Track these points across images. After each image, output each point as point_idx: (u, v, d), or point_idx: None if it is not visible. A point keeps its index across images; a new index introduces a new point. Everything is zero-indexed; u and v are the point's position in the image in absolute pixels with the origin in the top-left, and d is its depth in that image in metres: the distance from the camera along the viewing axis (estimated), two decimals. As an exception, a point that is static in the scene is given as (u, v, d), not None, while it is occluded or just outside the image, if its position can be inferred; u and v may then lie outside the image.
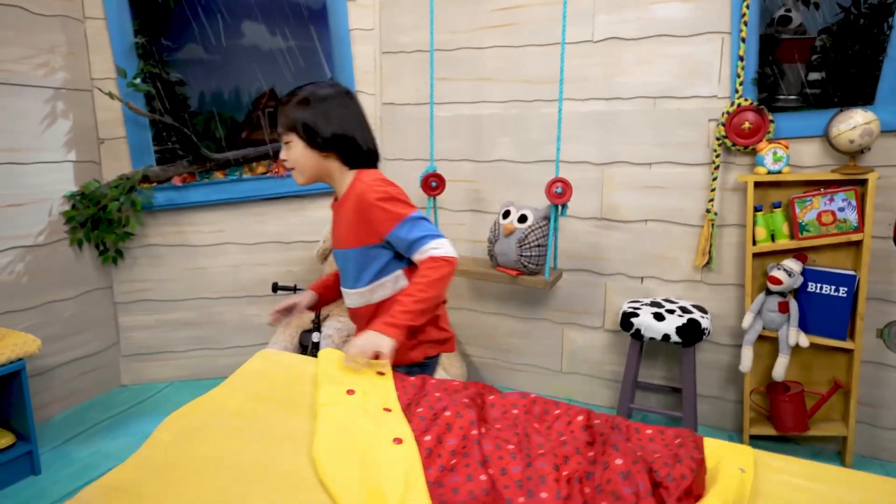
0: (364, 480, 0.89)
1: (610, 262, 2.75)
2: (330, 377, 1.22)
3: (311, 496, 0.91)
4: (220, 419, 1.12)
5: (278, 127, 1.54)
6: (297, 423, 1.11)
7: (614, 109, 2.61)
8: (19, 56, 2.44)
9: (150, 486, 0.93)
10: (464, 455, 0.92)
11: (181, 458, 1.00)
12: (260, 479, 0.95)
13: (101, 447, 2.49)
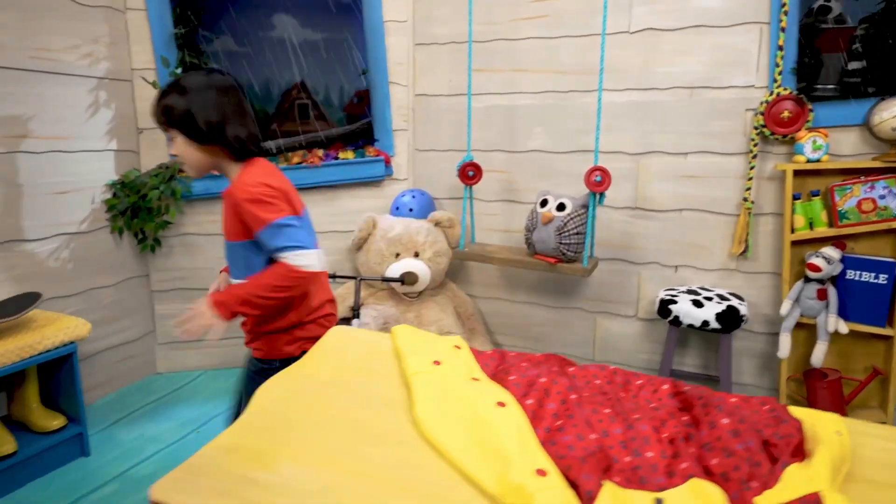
0: (475, 439, 0.92)
1: (644, 251, 2.78)
2: (412, 350, 1.25)
3: (417, 452, 0.95)
4: (314, 387, 1.16)
5: (161, 124, 1.51)
6: (389, 391, 1.14)
7: (650, 99, 2.64)
8: (66, 46, 2.48)
9: (263, 444, 0.96)
10: (569, 417, 0.96)
11: (285, 420, 1.04)
12: (365, 438, 0.99)
13: (144, 431, 2.52)
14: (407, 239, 2.82)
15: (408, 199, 2.99)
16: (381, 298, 2.91)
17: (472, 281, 3.20)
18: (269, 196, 1.44)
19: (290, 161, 2.97)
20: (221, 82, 1.52)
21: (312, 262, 1.43)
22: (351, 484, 0.86)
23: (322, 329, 1.59)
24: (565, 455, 0.86)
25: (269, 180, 1.47)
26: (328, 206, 3.08)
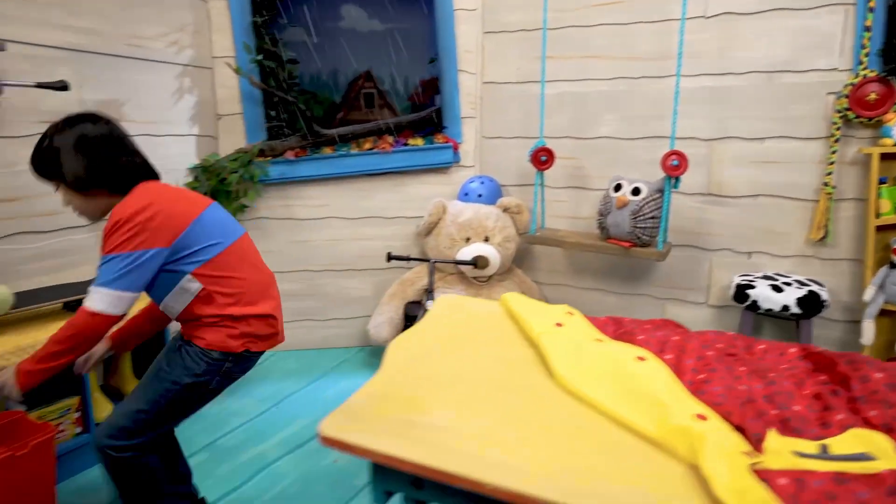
0: (622, 390, 0.94)
1: (716, 237, 2.75)
2: (532, 313, 1.28)
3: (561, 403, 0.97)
4: (439, 347, 1.19)
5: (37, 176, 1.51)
6: (513, 351, 1.18)
7: (726, 85, 2.62)
8: (156, 34, 2.58)
9: (410, 393, 1.00)
10: (711, 371, 0.97)
11: (422, 373, 1.07)
12: (505, 390, 1.02)
13: (225, 405, 2.60)
14: (477, 223, 2.85)
15: (476, 184, 3.02)
16: (450, 283, 2.95)
17: (537, 267, 3.21)
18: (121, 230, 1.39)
19: (361, 147, 3.03)
20: (91, 130, 1.49)
21: (94, 304, 1.37)
22: (508, 428, 0.89)
23: (274, 328, 1.62)
24: (721, 402, 0.87)
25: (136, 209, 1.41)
26: (396, 192, 3.14)
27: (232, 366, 1.57)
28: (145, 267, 1.40)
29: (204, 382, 1.54)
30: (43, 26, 2.15)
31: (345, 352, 3.22)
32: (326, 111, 3.14)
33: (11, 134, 2.09)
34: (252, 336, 1.56)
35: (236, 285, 1.54)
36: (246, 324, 1.54)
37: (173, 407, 1.55)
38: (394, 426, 0.88)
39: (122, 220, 1.38)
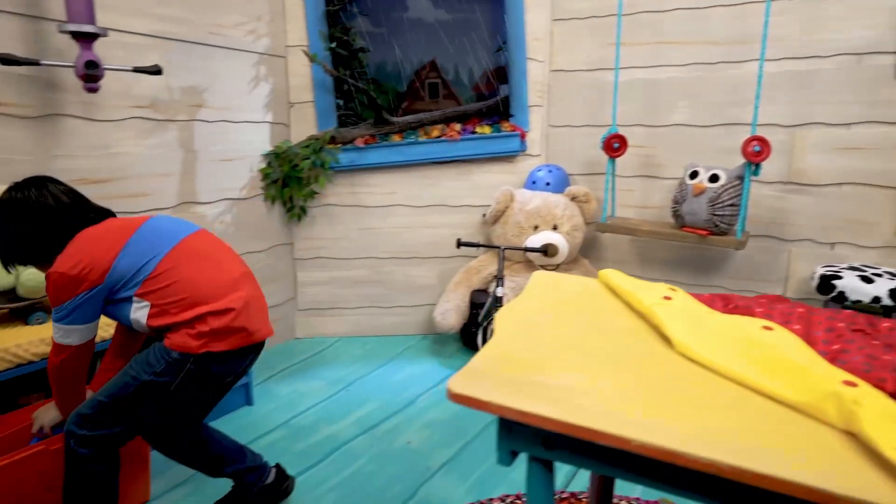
0: (753, 358, 0.91)
1: (796, 227, 2.66)
2: (637, 286, 1.26)
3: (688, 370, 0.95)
4: (547, 317, 1.18)
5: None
6: (623, 322, 1.16)
7: (810, 68, 2.53)
8: (235, 22, 2.64)
9: (527, 354, 0.99)
10: (847, 342, 0.93)
11: (537, 339, 1.07)
12: (626, 357, 1.00)
13: (296, 387, 2.65)
14: (546, 212, 2.83)
15: (544, 173, 3.00)
16: (517, 271, 2.93)
17: (603, 257, 3.17)
18: (59, 288, 1.43)
19: (429, 134, 3.04)
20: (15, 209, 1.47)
21: (54, 336, 1.46)
22: (637, 390, 0.88)
23: (239, 322, 1.53)
24: (868, 370, 0.84)
25: (66, 268, 1.42)
26: (462, 180, 3.14)
27: (194, 368, 1.49)
28: (89, 304, 1.45)
29: (163, 383, 1.48)
30: (136, 14, 2.23)
31: (409, 339, 3.24)
32: (391, 101, 3.16)
33: (107, 118, 2.18)
34: (211, 335, 1.48)
35: (183, 289, 1.49)
36: (203, 323, 1.48)
37: (131, 403, 1.50)
38: (523, 386, 0.87)
39: (56, 281, 1.42)
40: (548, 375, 0.92)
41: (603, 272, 1.40)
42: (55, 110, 2.03)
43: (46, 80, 1.99)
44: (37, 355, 1.70)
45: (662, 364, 0.97)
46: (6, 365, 1.63)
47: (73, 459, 1.49)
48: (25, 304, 1.79)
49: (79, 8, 1.86)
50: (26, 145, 1.96)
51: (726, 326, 1.02)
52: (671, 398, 0.86)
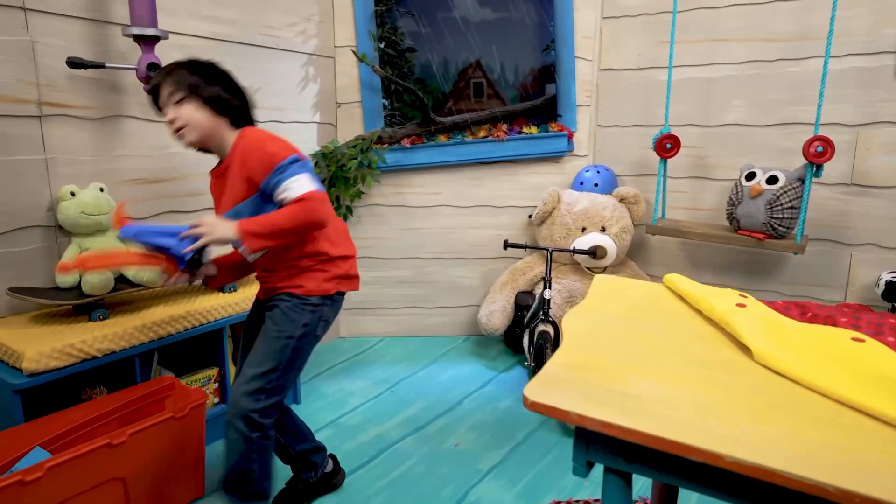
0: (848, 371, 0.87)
1: (858, 230, 2.55)
2: (707, 293, 1.22)
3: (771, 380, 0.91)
4: (616, 321, 1.15)
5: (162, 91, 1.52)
6: (697, 328, 1.12)
7: (879, 65, 2.42)
8: (286, 23, 2.67)
9: (601, 361, 0.97)
10: (948, 355, 0.88)
11: (608, 345, 1.04)
12: (705, 365, 0.97)
13: (343, 386, 2.67)
14: (594, 213, 2.78)
15: (592, 174, 2.95)
16: (563, 273, 2.89)
17: (651, 261, 3.10)
18: (275, 139, 1.54)
19: (476, 135, 3.03)
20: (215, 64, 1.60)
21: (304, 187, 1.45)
22: (721, 401, 0.84)
23: (354, 270, 1.70)
24: (978, 388, 0.79)
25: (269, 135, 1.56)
26: (509, 180, 3.11)
27: (328, 309, 1.63)
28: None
29: (311, 331, 1.60)
30: (193, 17, 2.28)
31: (452, 340, 3.23)
32: (436, 100, 3.15)
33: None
34: (340, 278, 1.64)
35: (330, 224, 1.59)
36: (335, 265, 1.62)
37: (293, 361, 1.60)
38: (601, 394, 0.85)
39: (267, 137, 1.54)
40: (625, 383, 0.89)
41: (668, 277, 1.36)
42: (117, 111, 2.08)
43: (110, 82, 2.04)
44: (100, 350, 1.74)
45: (743, 373, 0.94)
46: (71, 360, 1.68)
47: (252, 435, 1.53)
48: (89, 300, 1.84)
49: (141, 12, 1.90)
50: (89, 145, 2.02)
51: (811, 336, 0.97)
52: (757, 410, 0.82)
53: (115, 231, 1.54)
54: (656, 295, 1.32)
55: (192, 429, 1.78)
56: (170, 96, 1.52)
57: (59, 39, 1.89)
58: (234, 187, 1.55)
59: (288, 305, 1.58)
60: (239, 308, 2.16)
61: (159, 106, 1.56)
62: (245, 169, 1.52)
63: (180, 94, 1.52)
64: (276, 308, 1.60)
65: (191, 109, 1.52)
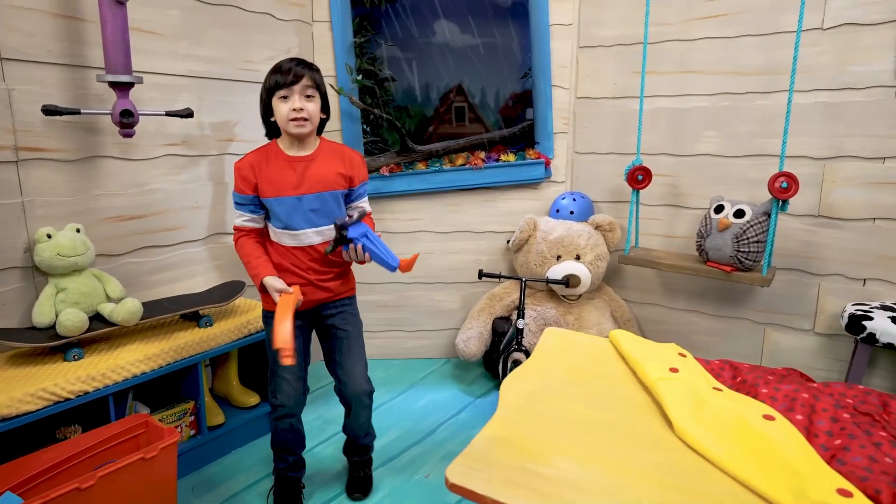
0: (750, 451, 0.92)
1: (826, 261, 2.60)
2: (643, 356, 1.27)
3: (684, 458, 0.95)
4: (555, 385, 1.20)
5: (302, 81, 1.79)
6: (631, 394, 1.17)
7: (843, 100, 2.47)
8: (265, 57, 2.72)
9: (529, 439, 1.01)
10: (850, 437, 0.93)
11: (539, 415, 1.08)
12: (625, 440, 1.01)
13: (321, 413, 2.72)
14: (569, 241, 2.83)
15: (568, 201, 3.00)
16: (539, 300, 2.94)
17: (629, 286, 3.15)
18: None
19: (454, 162, 3.08)
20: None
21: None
22: (633, 486, 0.89)
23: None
24: (866, 477, 0.83)
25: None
26: (486, 206, 3.16)
27: None
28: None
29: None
30: (171, 57, 2.32)
31: (432, 363, 3.28)
32: (418, 125, 3.20)
33: (142, 156, 2.28)
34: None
35: None
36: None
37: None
38: (517, 476, 0.90)
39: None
40: (546, 463, 0.94)
41: (613, 333, 1.40)
42: (94, 153, 2.13)
43: (86, 125, 2.09)
44: (72, 393, 1.79)
45: (661, 450, 0.98)
46: (44, 403, 1.73)
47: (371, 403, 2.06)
48: (63, 341, 1.89)
49: (116, 59, 1.95)
50: (67, 187, 2.07)
51: (728, 412, 1.02)
52: (661, 490, 0.87)
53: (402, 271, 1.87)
54: (601, 354, 1.37)
55: (163, 468, 1.83)
56: (305, 88, 1.80)
57: (36, 86, 1.95)
58: (327, 177, 1.87)
59: (352, 308, 2.04)
60: (213, 343, 2.21)
61: (288, 84, 1.80)
62: (351, 170, 1.92)
63: (313, 91, 1.81)
64: (344, 313, 2.01)
65: (316, 107, 1.83)
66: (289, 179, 1.84)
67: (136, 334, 2.15)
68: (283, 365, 1.70)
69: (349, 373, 2.00)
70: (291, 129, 1.81)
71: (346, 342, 2.00)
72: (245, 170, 1.87)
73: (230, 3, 2.53)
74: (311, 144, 1.90)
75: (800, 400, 1.03)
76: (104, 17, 1.92)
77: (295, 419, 2.03)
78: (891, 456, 0.91)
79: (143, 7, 2.21)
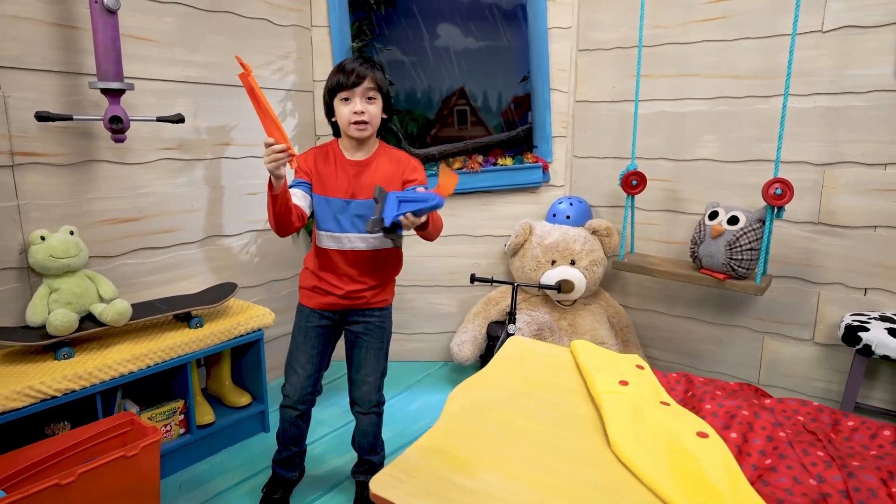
0: (677, 469, 0.91)
1: (826, 270, 2.54)
2: (596, 367, 1.26)
3: (617, 475, 0.95)
4: (501, 397, 1.20)
5: (364, 83, 1.75)
6: (576, 407, 1.16)
7: (843, 105, 2.41)
8: (263, 62, 2.76)
9: (462, 450, 1.02)
10: (780, 457, 0.91)
11: (479, 428, 1.08)
12: (558, 453, 1.01)
13: (313, 413, 2.73)
14: (563, 246, 2.81)
15: (565, 206, 2.98)
16: (534, 304, 2.93)
17: (626, 291, 3.11)
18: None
19: (451, 166, 3.08)
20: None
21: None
22: (552, 501, 0.89)
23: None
24: (784, 499, 0.82)
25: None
26: (484, 210, 3.16)
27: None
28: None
29: (391, 329, 2.06)
30: (167, 63, 2.38)
31: (429, 365, 3.29)
32: (420, 127, 3.21)
33: (137, 161, 2.33)
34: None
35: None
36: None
37: (388, 355, 2.06)
38: (439, 488, 0.90)
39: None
40: (473, 476, 0.94)
41: (574, 344, 1.40)
42: (89, 157, 2.19)
43: (81, 130, 2.15)
44: (59, 391, 1.85)
45: (592, 465, 0.98)
46: (30, 400, 1.79)
47: (381, 411, 2.05)
48: (54, 340, 1.95)
49: (107, 67, 2.00)
50: (62, 190, 2.13)
51: (663, 428, 1.01)
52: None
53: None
54: (559, 364, 1.37)
55: (146, 466, 1.87)
56: (367, 90, 1.77)
57: (31, 93, 2.01)
58: (385, 182, 1.82)
59: (380, 320, 1.98)
60: (203, 344, 2.25)
61: (350, 86, 1.76)
62: (404, 175, 1.87)
63: (375, 93, 1.78)
64: (370, 324, 1.97)
65: (377, 109, 1.80)
66: (340, 182, 1.85)
67: (127, 334, 2.20)
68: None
69: (359, 380, 2.01)
70: (352, 132, 1.80)
71: (364, 352, 1.99)
72: (308, 163, 1.90)
73: (227, 9, 2.57)
74: (370, 148, 1.88)
75: (738, 417, 1.01)
76: (95, 25, 1.97)
77: (297, 414, 2.05)
78: (822, 477, 0.89)
79: (139, 14, 2.26)
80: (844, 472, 0.90)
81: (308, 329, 1.99)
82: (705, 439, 0.96)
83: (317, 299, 1.96)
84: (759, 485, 0.87)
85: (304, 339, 2.00)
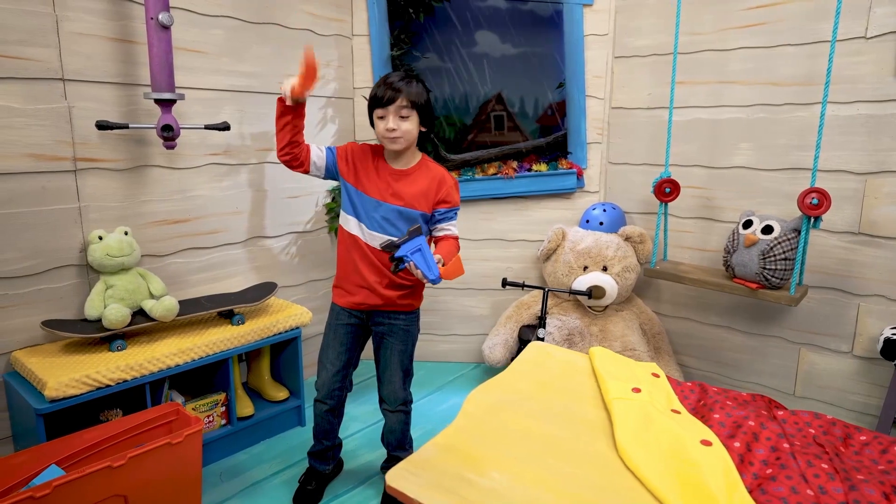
0: (678, 475, 0.94)
1: (866, 281, 2.48)
2: (611, 374, 1.29)
3: (621, 479, 0.99)
4: (516, 400, 1.25)
5: (397, 101, 1.80)
6: (589, 412, 1.20)
7: (886, 112, 2.35)
8: (305, 70, 2.87)
9: (475, 448, 1.08)
10: (781, 467, 0.93)
11: (492, 427, 1.14)
12: (567, 456, 1.05)
13: (348, 409, 2.83)
14: (596, 252, 2.83)
15: (598, 212, 3.00)
16: (566, 309, 2.95)
17: (660, 298, 3.10)
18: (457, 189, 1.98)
19: (486, 172, 3.14)
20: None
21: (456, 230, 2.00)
22: (554, 501, 0.94)
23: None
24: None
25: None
26: (519, 215, 3.20)
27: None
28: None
29: (417, 332, 2.16)
30: (215, 73, 2.51)
31: (461, 366, 3.35)
32: (457, 133, 3.28)
33: (186, 165, 2.47)
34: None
35: None
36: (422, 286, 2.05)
37: (413, 356, 2.16)
38: (450, 482, 0.96)
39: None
40: (482, 473, 1.00)
41: (592, 350, 1.44)
42: (143, 162, 2.34)
43: (137, 137, 2.31)
44: (112, 380, 1.99)
45: (597, 468, 1.02)
46: (87, 388, 1.93)
47: (409, 409, 2.16)
48: (109, 333, 2.10)
49: (160, 78, 2.14)
50: (118, 193, 2.28)
51: (669, 435, 1.04)
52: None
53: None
54: (576, 370, 1.41)
55: (189, 453, 2.00)
56: (399, 108, 1.82)
57: (93, 103, 2.16)
58: (410, 195, 1.91)
59: (405, 323, 2.06)
60: (244, 340, 2.37)
61: (383, 104, 1.84)
62: (438, 194, 1.92)
63: (408, 111, 1.83)
64: (395, 327, 2.05)
65: (412, 125, 1.86)
66: (376, 185, 1.94)
67: (174, 329, 2.34)
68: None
69: (385, 379, 2.12)
70: (386, 144, 1.90)
71: (389, 352, 2.08)
72: (354, 152, 2.00)
73: (272, 21, 2.70)
74: (410, 160, 1.96)
75: (744, 427, 1.04)
76: (151, 40, 2.11)
77: (327, 408, 2.15)
78: (823, 488, 0.91)
79: (191, 28, 2.40)
80: (847, 485, 0.92)
81: (337, 326, 2.08)
82: (708, 447, 0.99)
83: (346, 298, 2.05)
84: (757, 493, 0.90)
85: (334, 336, 2.09)
